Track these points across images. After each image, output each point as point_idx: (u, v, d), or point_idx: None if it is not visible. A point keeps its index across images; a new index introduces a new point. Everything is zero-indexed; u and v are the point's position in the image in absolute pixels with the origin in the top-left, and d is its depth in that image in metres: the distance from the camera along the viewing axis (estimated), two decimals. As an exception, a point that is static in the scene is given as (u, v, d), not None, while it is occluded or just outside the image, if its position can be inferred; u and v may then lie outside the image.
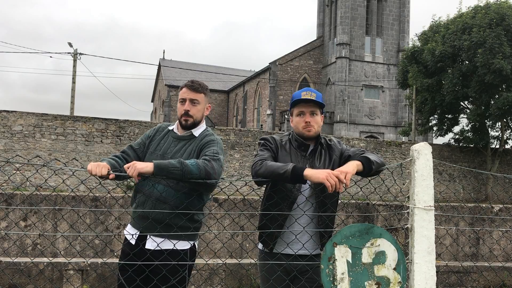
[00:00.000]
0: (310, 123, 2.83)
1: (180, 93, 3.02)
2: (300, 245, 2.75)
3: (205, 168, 2.59)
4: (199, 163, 2.59)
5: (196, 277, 5.86)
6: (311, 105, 2.83)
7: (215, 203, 7.21)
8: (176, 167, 2.53)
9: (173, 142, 2.92)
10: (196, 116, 2.94)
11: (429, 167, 2.46)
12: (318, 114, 2.86)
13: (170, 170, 2.53)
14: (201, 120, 2.99)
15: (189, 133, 2.94)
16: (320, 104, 2.84)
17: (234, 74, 52.04)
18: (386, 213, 7.58)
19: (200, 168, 2.58)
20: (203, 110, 3.00)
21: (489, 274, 6.67)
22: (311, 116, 2.84)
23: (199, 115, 2.96)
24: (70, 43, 27.74)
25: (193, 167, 2.56)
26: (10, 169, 18.62)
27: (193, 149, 2.86)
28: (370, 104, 42.86)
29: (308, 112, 2.84)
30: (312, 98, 2.81)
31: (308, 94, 2.84)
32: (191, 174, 2.56)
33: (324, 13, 46.75)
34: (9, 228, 6.75)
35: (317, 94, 2.86)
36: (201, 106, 2.97)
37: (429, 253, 2.41)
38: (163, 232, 2.72)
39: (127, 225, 2.98)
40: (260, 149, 2.83)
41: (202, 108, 2.98)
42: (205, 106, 3.01)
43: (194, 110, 2.94)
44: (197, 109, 2.95)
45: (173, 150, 2.88)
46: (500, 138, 27.61)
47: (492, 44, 23.06)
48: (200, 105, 2.97)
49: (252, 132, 24.74)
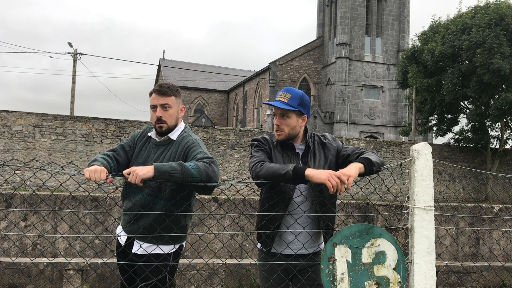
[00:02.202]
0: (280, 126, 2.74)
1: (150, 99, 2.93)
2: (299, 244, 2.74)
3: (205, 171, 2.57)
4: (199, 166, 2.57)
5: (196, 277, 5.86)
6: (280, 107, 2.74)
7: (215, 203, 7.21)
8: (177, 170, 2.51)
9: (152, 149, 2.89)
10: (170, 121, 2.87)
11: (429, 167, 2.46)
12: (290, 116, 2.74)
13: (171, 173, 2.51)
14: (177, 123, 2.93)
15: (166, 138, 2.89)
16: (293, 107, 2.71)
17: (234, 74, 52.05)
18: (386, 213, 7.58)
19: (201, 172, 2.56)
20: (177, 113, 2.91)
21: (489, 274, 6.67)
22: (281, 119, 2.74)
23: (173, 119, 2.89)
24: (70, 43, 27.74)
25: (194, 171, 2.54)
26: (9, 169, 18.62)
27: (172, 154, 2.81)
28: (370, 104, 42.87)
29: (278, 114, 2.76)
30: (283, 101, 2.72)
31: (282, 95, 2.76)
32: (192, 178, 2.53)
33: (324, 13, 46.76)
34: (9, 228, 6.75)
35: (292, 95, 2.74)
36: (173, 110, 2.89)
37: (429, 253, 2.41)
38: (147, 237, 2.76)
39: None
40: (255, 150, 2.78)
41: (175, 111, 2.90)
42: (178, 108, 2.93)
43: (167, 115, 2.86)
44: (169, 113, 2.87)
45: (153, 157, 2.83)
46: (500, 138, 27.60)
47: (491, 44, 23.06)
48: (172, 109, 2.88)
49: (252, 132, 24.74)
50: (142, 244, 2.77)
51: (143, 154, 2.88)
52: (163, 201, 2.72)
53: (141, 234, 2.77)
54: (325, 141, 2.86)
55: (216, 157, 23.81)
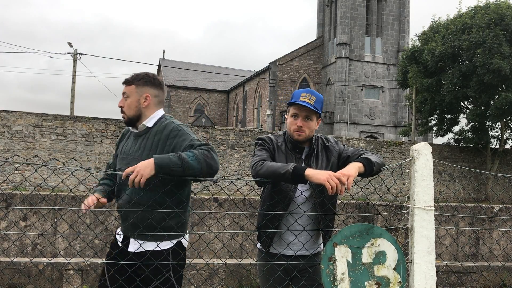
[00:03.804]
0: (302, 128, 2.75)
1: None
2: (299, 245, 2.74)
3: (205, 160, 2.49)
4: (198, 156, 2.48)
5: (196, 277, 5.86)
6: (307, 109, 2.74)
7: (215, 203, 7.21)
8: (177, 164, 2.44)
9: (133, 141, 2.80)
10: (128, 110, 2.75)
11: (429, 167, 2.46)
12: (313, 119, 2.77)
13: (171, 167, 2.44)
14: (141, 113, 2.77)
15: (143, 127, 2.78)
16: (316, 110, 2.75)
17: (234, 74, 52.07)
18: (386, 213, 7.58)
19: (200, 161, 2.47)
20: (136, 102, 2.75)
21: (489, 274, 6.67)
22: (304, 121, 2.76)
23: (131, 109, 2.75)
24: (70, 43, 27.75)
25: (194, 162, 2.46)
26: (9, 169, 18.62)
27: (154, 142, 2.68)
28: (370, 104, 42.87)
29: (302, 116, 2.76)
30: (310, 103, 2.73)
31: (307, 97, 2.75)
32: (193, 169, 2.46)
33: (324, 13, 46.77)
34: (8, 228, 6.75)
35: (317, 98, 2.76)
36: (132, 99, 2.75)
37: (429, 253, 2.41)
38: (142, 233, 2.64)
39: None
40: (258, 149, 2.79)
41: (134, 100, 2.75)
42: (138, 97, 2.76)
43: (125, 105, 2.76)
44: (127, 103, 2.76)
45: (134, 149, 2.74)
46: (500, 138, 27.61)
47: (491, 44, 23.07)
48: (130, 98, 2.76)
49: (252, 132, 24.74)
50: (137, 241, 2.67)
51: (124, 149, 2.80)
52: (151, 193, 2.61)
53: (133, 232, 2.67)
54: (327, 143, 2.87)
55: (216, 157, 23.81)
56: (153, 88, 2.81)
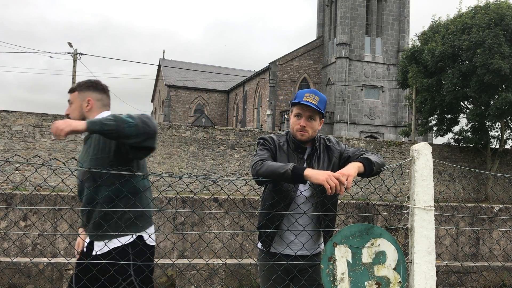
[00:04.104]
0: (305, 128, 2.76)
1: None
2: (299, 245, 2.75)
3: (140, 118, 2.47)
4: (132, 115, 2.48)
5: (196, 277, 5.86)
6: (311, 109, 2.75)
7: (215, 203, 7.21)
8: (110, 119, 2.42)
9: (83, 147, 2.86)
10: (72, 116, 2.86)
11: (429, 167, 2.46)
12: (316, 119, 2.78)
13: (103, 121, 2.41)
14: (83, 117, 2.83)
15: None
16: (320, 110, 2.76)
17: (234, 74, 52.07)
18: (386, 213, 7.58)
19: (134, 118, 2.45)
20: (79, 107, 2.87)
21: (489, 274, 6.67)
22: (307, 121, 2.76)
23: (75, 114, 2.86)
24: (70, 43, 27.77)
25: (127, 118, 2.44)
26: (10, 169, 18.62)
27: (99, 141, 2.69)
28: (370, 104, 42.88)
29: (306, 116, 2.77)
30: (313, 103, 2.73)
31: (311, 97, 2.75)
32: (127, 123, 2.40)
33: (324, 13, 46.77)
34: (8, 228, 6.75)
35: (320, 98, 2.77)
36: (75, 105, 2.87)
37: (429, 253, 2.41)
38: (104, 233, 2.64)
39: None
40: (260, 149, 2.79)
41: (77, 106, 2.87)
42: (81, 102, 2.86)
43: (70, 111, 2.89)
44: (71, 109, 2.89)
45: (83, 154, 2.79)
46: (500, 138, 27.62)
47: (491, 44, 23.07)
48: (74, 104, 2.88)
49: (252, 132, 24.74)
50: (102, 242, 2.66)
51: (79, 157, 2.84)
52: (103, 188, 2.62)
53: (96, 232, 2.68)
54: (329, 144, 2.88)
55: (216, 157, 23.85)
56: (95, 93, 2.89)
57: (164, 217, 6.87)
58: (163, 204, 6.85)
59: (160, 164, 22.76)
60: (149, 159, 22.67)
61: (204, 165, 23.42)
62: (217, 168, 23.52)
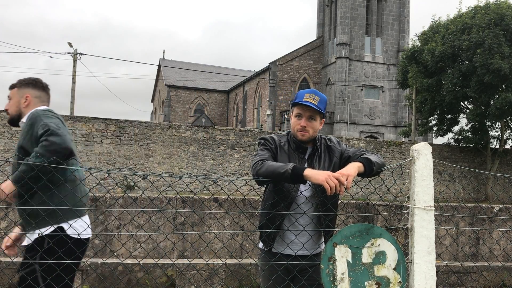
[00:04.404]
0: (306, 128, 2.76)
1: None
2: (300, 245, 2.75)
3: (46, 151, 2.57)
4: (38, 152, 2.58)
5: (196, 277, 5.87)
6: (311, 109, 2.75)
7: (215, 203, 7.21)
8: (26, 170, 2.59)
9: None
10: (10, 111, 3.04)
11: (429, 167, 2.46)
12: (316, 119, 2.79)
13: (23, 175, 2.60)
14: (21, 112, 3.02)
15: (22, 124, 3.01)
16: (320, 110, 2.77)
17: (234, 74, 52.08)
18: (386, 213, 7.58)
19: (43, 154, 2.55)
20: (17, 103, 3.03)
21: (489, 274, 6.67)
22: (307, 121, 2.77)
23: (13, 109, 3.03)
24: (70, 43, 27.77)
25: (37, 160, 2.55)
26: (10, 169, 18.62)
27: (22, 135, 2.87)
28: (370, 104, 42.88)
29: (306, 116, 2.77)
30: (314, 103, 2.74)
31: (311, 97, 2.76)
32: (26, 173, 2.58)
33: (324, 13, 46.77)
34: (9, 228, 6.75)
35: (321, 98, 2.77)
36: (13, 100, 3.03)
37: (429, 253, 2.41)
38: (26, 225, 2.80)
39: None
40: (260, 149, 2.79)
41: (15, 101, 3.03)
42: (19, 98, 3.03)
43: (8, 106, 3.05)
44: (10, 104, 3.05)
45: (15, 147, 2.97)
46: (500, 138, 27.62)
47: (490, 44, 23.08)
48: (12, 100, 3.04)
49: (252, 132, 24.75)
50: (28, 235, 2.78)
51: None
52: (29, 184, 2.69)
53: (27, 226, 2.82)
54: (330, 144, 2.88)
55: (216, 157, 23.85)
56: (34, 90, 3.05)
57: (164, 217, 6.88)
58: (163, 204, 6.85)
59: (160, 164, 22.76)
60: (149, 159, 22.67)
61: (204, 165, 23.42)
62: (217, 168, 23.53)
